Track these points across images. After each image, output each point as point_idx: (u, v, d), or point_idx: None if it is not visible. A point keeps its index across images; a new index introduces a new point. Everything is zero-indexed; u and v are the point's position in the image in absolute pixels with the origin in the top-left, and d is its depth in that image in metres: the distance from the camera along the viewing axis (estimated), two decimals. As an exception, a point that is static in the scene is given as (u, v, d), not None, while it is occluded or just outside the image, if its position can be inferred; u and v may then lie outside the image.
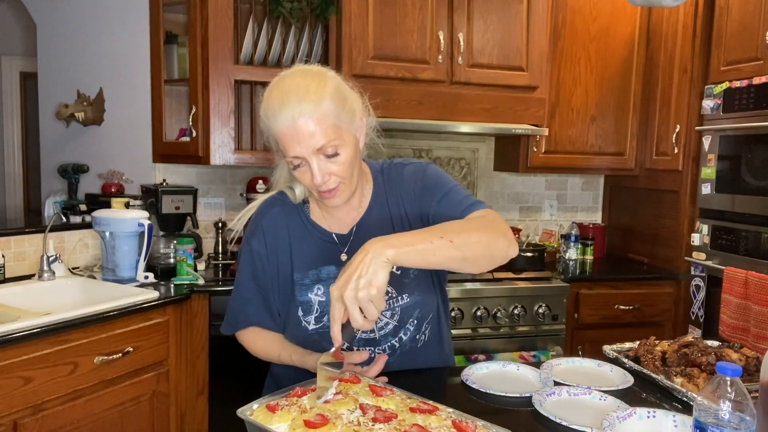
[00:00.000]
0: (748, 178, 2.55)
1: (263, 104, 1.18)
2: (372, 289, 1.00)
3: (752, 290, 2.40)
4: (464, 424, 0.99)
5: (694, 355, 1.33)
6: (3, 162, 4.94)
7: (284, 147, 1.16)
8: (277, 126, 1.14)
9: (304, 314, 1.31)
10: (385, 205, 1.33)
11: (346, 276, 1.02)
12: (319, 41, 2.81)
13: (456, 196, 1.27)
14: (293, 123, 1.12)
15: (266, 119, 1.16)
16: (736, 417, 0.85)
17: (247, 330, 1.39)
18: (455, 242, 1.08)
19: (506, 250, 1.15)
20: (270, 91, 1.18)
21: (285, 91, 1.14)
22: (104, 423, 2.00)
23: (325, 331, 1.28)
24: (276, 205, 1.35)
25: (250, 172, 2.99)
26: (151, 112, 2.86)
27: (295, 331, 1.33)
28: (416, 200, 1.30)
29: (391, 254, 1.03)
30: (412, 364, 1.36)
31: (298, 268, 1.32)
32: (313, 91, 1.14)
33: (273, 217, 1.34)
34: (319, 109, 1.13)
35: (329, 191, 1.20)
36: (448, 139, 3.31)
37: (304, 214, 1.34)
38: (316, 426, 0.96)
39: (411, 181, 1.32)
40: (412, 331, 1.34)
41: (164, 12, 2.80)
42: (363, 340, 1.31)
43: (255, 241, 1.34)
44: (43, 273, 2.33)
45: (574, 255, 3.25)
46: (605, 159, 3.19)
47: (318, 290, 1.30)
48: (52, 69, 3.20)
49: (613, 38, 3.11)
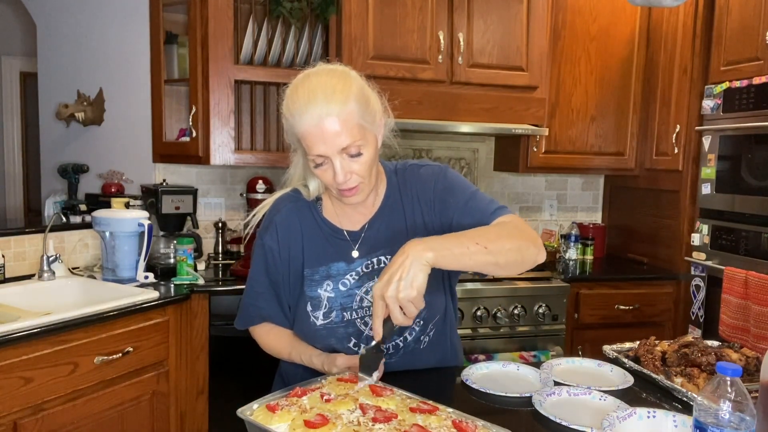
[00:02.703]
0: (748, 178, 2.55)
1: (287, 101, 1.19)
2: (412, 291, 1.05)
3: (752, 290, 2.40)
4: (464, 424, 0.99)
5: (694, 355, 1.33)
6: (3, 162, 4.94)
7: (308, 145, 1.17)
8: (303, 124, 1.15)
9: (312, 309, 1.32)
10: (399, 204, 1.34)
11: (388, 276, 1.06)
12: (319, 41, 2.81)
13: (481, 202, 1.30)
14: (320, 122, 1.14)
15: (290, 117, 1.18)
16: (736, 417, 0.85)
17: (259, 326, 1.41)
18: (489, 248, 1.13)
19: (536, 257, 1.22)
20: (295, 88, 1.19)
21: (311, 90, 1.15)
22: (104, 423, 2.00)
23: (333, 326, 1.31)
24: (289, 201, 1.37)
25: (250, 172, 2.99)
26: (151, 112, 2.86)
27: (304, 326, 1.34)
28: (437, 202, 1.32)
29: (430, 257, 1.07)
30: (413, 364, 1.36)
31: (309, 264, 1.33)
32: (340, 91, 1.15)
33: (286, 214, 1.35)
34: (345, 109, 1.15)
35: (349, 189, 1.22)
36: (448, 139, 3.31)
37: (317, 211, 1.36)
38: (316, 426, 0.96)
39: (430, 182, 1.33)
40: (417, 331, 1.35)
41: (164, 12, 2.80)
42: (368, 338, 1.32)
43: (268, 237, 1.35)
44: (43, 273, 2.32)
45: (574, 255, 3.25)
46: (605, 159, 3.19)
47: (327, 286, 1.32)
48: (52, 69, 3.20)
49: (613, 38, 3.11)
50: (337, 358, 1.24)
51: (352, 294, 1.32)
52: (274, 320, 1.39)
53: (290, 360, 1.36)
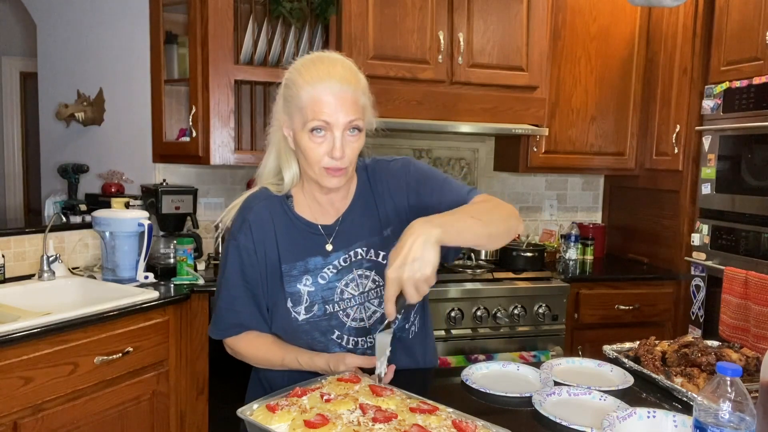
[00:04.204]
0: (748, 178, 2.55)
1: (299, 70, 1.24)
2: (427, 269, 1.08)
3: (752, 290, 2.40)
4: (464, 424, 0.99)
5: (694, 355, 1.33)
6: (3, 162, 4.94)
7: (316, 110, 1.19)
8: (317, 90, 1.19)
9: (293, 305, 1.31)
10: (371, 198, 1.37)
11: (401, 259, 1.08)
12: (319, 41, 2.81)
13: (455, 185, 1.36)
14: (336, 90, 1.19)
15: (303, 83, 1.21)
16: (736, 417, 0.85)
17: (240, 337, 1.36)
18: (483, 220, 1.21)
19: (517, 227, 1.30)
20: (311, 60, 1.25)
21: (331, 63, 1.23)
22: (104, 423, 2.00)
23: (316, 320, 1.30)
24: (260, 199, 1.36)
25: (250, 172, 2.98)
26: (151, 112, 2.85)
27: (284, 323, 1.33)
28: (411, 192, 1.36)
29: (438, 233, 1.10)
30: (401, 355, 1.35)
31: (285, 260, 1.32)
32: (356, 72, 1.26)
33: (258, 212, 1.34)
34: (359, 86, 1.24)
35: (337, 170, 1.23)
36: (448, 139, 3.31)
37: (288, 207, 1.35)
38: (316, 426, 0.96)
39: (402, 174, 1.37)
40: (400, 319, 1.35)
41: (164, 12, 2.80)
42: (354, 329, 1.32)
43: (242, 237, 1.33)
44: (43, 273, 2.32)
45: (574, 255, 3.25)
46: (605, 159, 3.18)
47: (306, 281, 1.31)
48: (52, 69, 3.20)
49: (613, 38, 3.11)
50: (346, 357, 1.24)
51: (332, 287, 1.32)
52: (254, 326, 1.35)
53: (283, 366, 1.32)
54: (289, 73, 1.26)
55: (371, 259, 1.34)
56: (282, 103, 1.28)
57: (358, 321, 1.33)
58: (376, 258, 1.34)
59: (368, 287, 1.33)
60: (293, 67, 1.26)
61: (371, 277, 1.33)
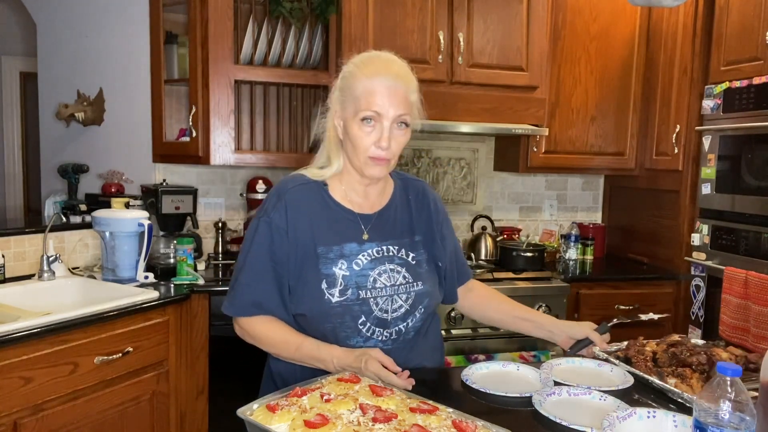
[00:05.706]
0: (748, 178, 2.55)
1: (359, 63, 1.33)
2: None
3: (752, 290, 2.40)
4: (464, 424, 0.99)
5: (683, 355, 1.33)
6: (3, 162, 4.94)
7: (369, 100, 1.27)
8: (372, 83, 1.28)
9: (328, 287, 1.33)
10: (406, 203, 1.47)
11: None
12: (319, 41, 2.81)
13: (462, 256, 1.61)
14: (392, 84, 1.29)
15: (361, 75, 1.30)
16: (736, 417, 0.85)
17: (256, 319, 1.35)
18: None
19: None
20: (368, 57, 1.35)
21: (388, 60, 1.33)
22: (104, 423, 2.00)
23: (349, 304, 1.33)
24: (297, 182, 1.40)
25: (250, 172, 2.99)
26: (151, 112, 2.85)
27: (316, 305, 1.33)
28: (438, 224, 1.50)
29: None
30: (407, 354, 1.38)
31: (322, 242, 1.35)
32: (408, 71, 1.35)
33: (295, 193, 1.37)
34: (411, 85, 1.34)
35: (381, 159, 1.30)
36: (448, 139, 3.31)
37: (326, 193, 1.40)
38: (316, 426, 0.96)
39: (439, 203, 1.54)
40: (417, 318, 1.40)
41: (164, 12, 2.80)
42: (377, 319, 1.35)
43: (276, 215, 1.34)
44: (43, 273, 2.32)
45: (574, 255, 3.25)
46: (605, 159, 3.18)
47: (342, 265, 1.34)
48: (52, 69, 3.20)
49: (613, 38, 3.11)
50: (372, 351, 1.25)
51: (365, 274, 1.35)
52: (272, 308, 1.34)
53: (297, 352, 1.31)
54: (347, 66, 1.35)
55: (402, 258, 1.40)
56: (338, 93, 1.35)
57: (383, 312, 1.36)
58: (406, 257, 1.40)
59: (399, 281, 1.38)
60: (351, 61, 1.35)
61: (402, 273, 1.38)
